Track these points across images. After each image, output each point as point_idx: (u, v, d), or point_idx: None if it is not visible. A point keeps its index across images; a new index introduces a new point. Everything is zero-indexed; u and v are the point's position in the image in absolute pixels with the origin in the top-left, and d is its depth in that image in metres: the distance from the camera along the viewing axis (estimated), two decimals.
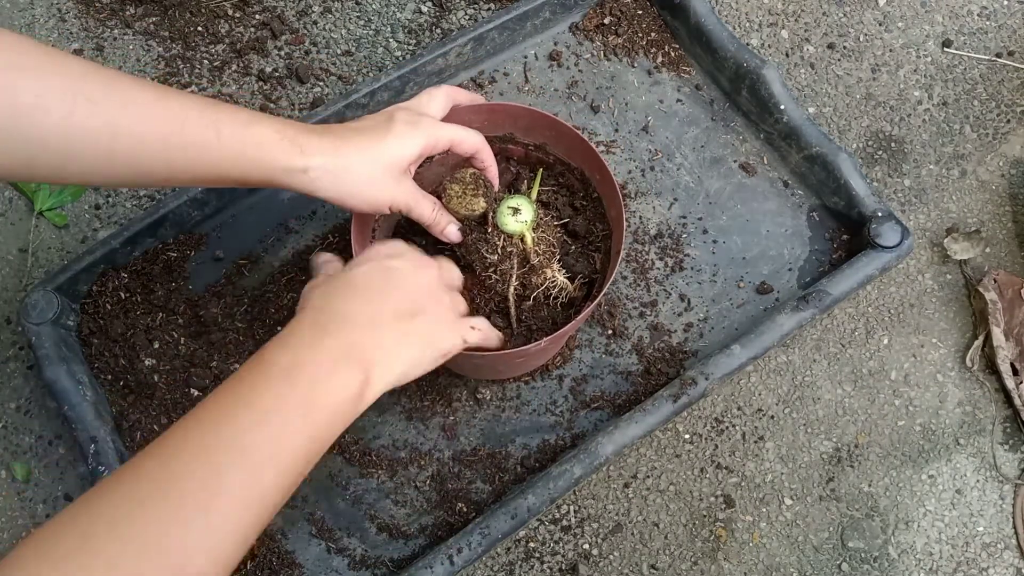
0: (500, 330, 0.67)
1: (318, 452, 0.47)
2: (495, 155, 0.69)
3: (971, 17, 1.02)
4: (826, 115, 0.95)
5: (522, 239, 0.64)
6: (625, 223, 0.67)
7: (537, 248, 0.65)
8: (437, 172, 0.73)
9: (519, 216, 0.64)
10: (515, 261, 0.65)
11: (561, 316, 0.70)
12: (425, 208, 0.64)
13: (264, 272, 0.81)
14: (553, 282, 0.66)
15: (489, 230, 0.65)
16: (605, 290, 0.66)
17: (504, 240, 0.64)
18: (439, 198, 0.67)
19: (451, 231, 0.66)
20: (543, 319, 0.70)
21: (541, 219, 0.66)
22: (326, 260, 0.63)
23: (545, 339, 0.63)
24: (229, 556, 0.42)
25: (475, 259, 0.66)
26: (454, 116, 0.69)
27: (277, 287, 0.80)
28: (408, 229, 0.73)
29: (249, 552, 0.70)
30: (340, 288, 0.54)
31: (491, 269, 0.65)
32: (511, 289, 0.66)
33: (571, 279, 0.69)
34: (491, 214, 0.65)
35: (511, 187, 0.74)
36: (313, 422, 0.46)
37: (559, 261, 0.67)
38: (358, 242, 0.66)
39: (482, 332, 0.61)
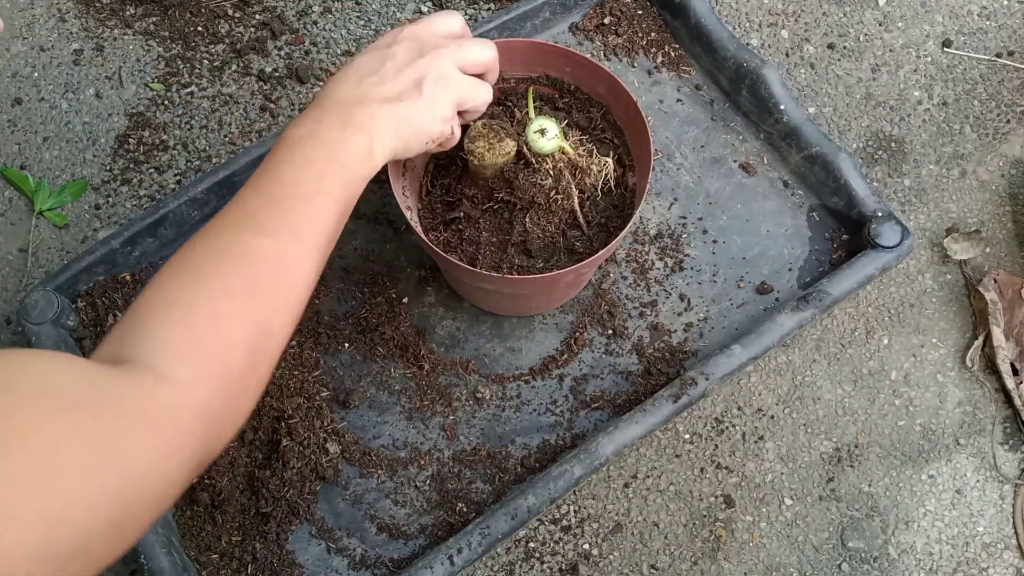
0: (575, 240, 0.71)
1: (352, 193, 0.57)
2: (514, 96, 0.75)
3: (971, 17, 1.02)
4: (826, 115, 0.95)
5: (563, 151, 0.67)
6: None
7: (578, 151, 0.68)
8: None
9: (548, 134, 0.66)
10: (567, 173, 0.67)
11: (616, 196, 0.73)
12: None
13: None
14: (603, 168, 0.69)
15: (533, 162, 0.67)
16: (640, 208, 0.69)
17: (550, 162, 0.67)
18: (466, 162, 0.69)
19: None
20: (604, 209, 0.73)
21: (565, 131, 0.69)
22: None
23: (602, 250, 0.67)
24: (316, 265, 0.54)
25: (536, 193, 0.68)
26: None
27: None
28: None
29: (251, 555, 0.70)
30: (340, 74, 0.60)
31: (552, 192, 0.68)
32: (575, 200, 0.69)
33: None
34: (524, 147, 0.67)
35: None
36: (339, 170, 0.56)
37: (594, 153, 0.70)
38: (395, 180, 0.69)
39: (478, 100, 0.64)
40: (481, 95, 0.64)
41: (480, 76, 0.65)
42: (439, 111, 0.61)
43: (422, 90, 0.60)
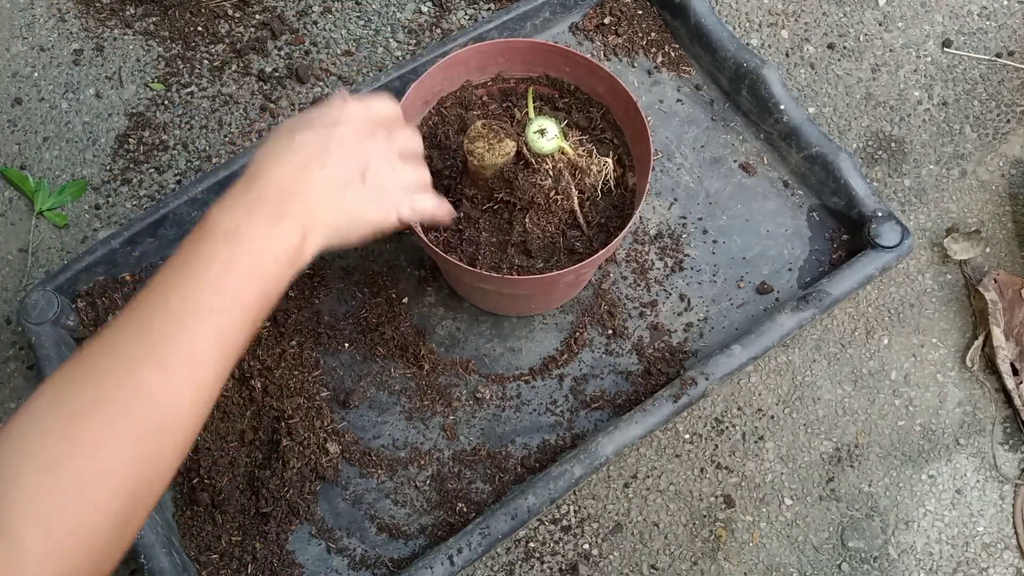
0: (574, 241, 0.71)
1: (269, 301, 0.53)
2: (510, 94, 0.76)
3: (971, 17, 1.02)
4: (826, 115, 0.95)
5: (562, 151, 0.67)
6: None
7: (578, 151, 0.68)
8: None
9: (548, 134, 0.66)
10: (567, 173, 0.67)
11: (616, 196, 0.73)
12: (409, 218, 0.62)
13: None
14: (603, 169, 0.69)
15: (533, 162, 0.67)
16: (640, 208, 0.69)
17: (550, 162, 0.67)
18: (465, 163, 0.69)
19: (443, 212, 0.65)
20: (604, 209, 0.73)
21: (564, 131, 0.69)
22: (337, 96, 0.62)
23: (602, 250, 0.67)
24: (210, 393, 0.49)
25: (535, 193, 0.68)
26: (473, 56, 0.73)
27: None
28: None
29: (251, 555, 0.70)
30: (280, 152, 0.55)
31: (552, 192, 0.68)
32: (575, 201, 0.69)
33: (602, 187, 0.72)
34: (524, 147, 0.67)
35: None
36: (259, 277, 0.51)
37: (593, 153, 0.70)
38: None
39: (423, 209, 0.61)
40: (424, 179, 0.62)
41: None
42: (385, 200, 0.58)
43: (366, 178, 0.56)
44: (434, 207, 0.62)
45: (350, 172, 0.56)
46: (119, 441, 0.44)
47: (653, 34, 0.92)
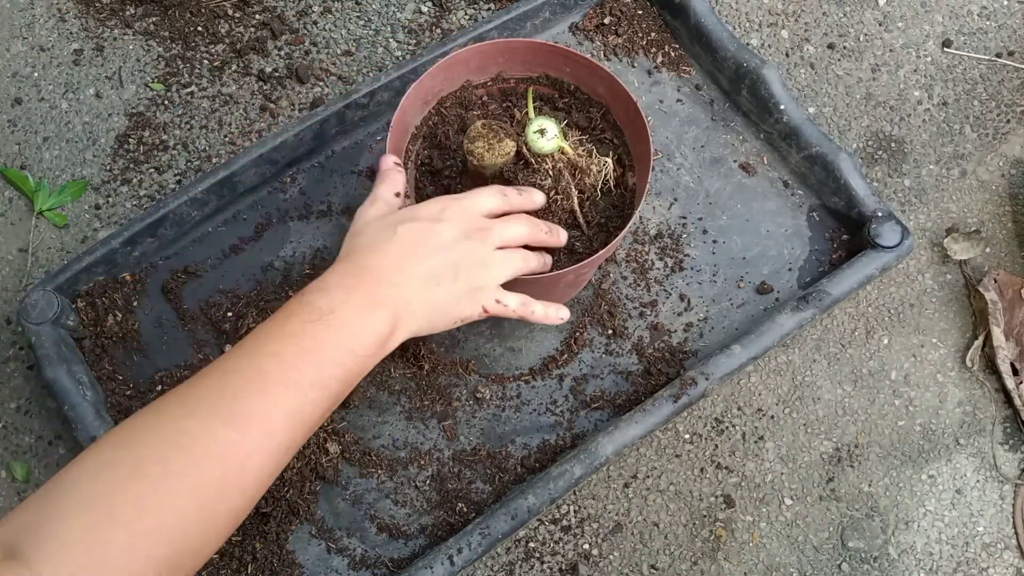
0: (574, 241, 0.71)
1: (352, 382, 0.54)
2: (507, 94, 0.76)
3: (971, 17, 1.02)
4: (826, 115, 0.95)
5: (562, 151, 0.67)
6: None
7: (578, 151, 0.68)
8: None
9: (548, 134, 0.66)
10: (567, 173, 0.67)
11: (616, 196, 0.73)
12: (511, 301, 0.63)
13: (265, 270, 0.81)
14: (603, 169, 0.69)
15: (532, 162, 0.67)
16: (640, 208, 0.69)
17: (550, 162, 0.67)
18: (465, 163, 0.69)
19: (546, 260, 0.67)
20: (604, 209, 0.73)
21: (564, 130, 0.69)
22: (386, 180, 0.64)
23: (602, 250, 0.67)
24: (278, 462, 0.50)
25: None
26: (473, 56, 0.73)
27: (287, 286, 0.80)
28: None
29: (251, 555, 0.70)
30: (381, 242, 0.58)
31: (552, 192, 0.67)
32: (575, 201, 0.69)
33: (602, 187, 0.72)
34: (524, 147, 0.67)
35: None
36: (347, 357, 0.53)
37: (593, 153, 0.70)
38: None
39: (509, 308, 0.63)
40: (525, 266, 0.63)
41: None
42: (474, 295, 0.60)
43: (458, 276, 0.59)
44: (518, 306, 0.64)
45: (445, 270, 0.58)
46: (173, 500, 0.44)
47: (653, 34, 0.92)
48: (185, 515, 0.44)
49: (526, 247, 0.65)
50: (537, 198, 0.66)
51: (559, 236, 0.67)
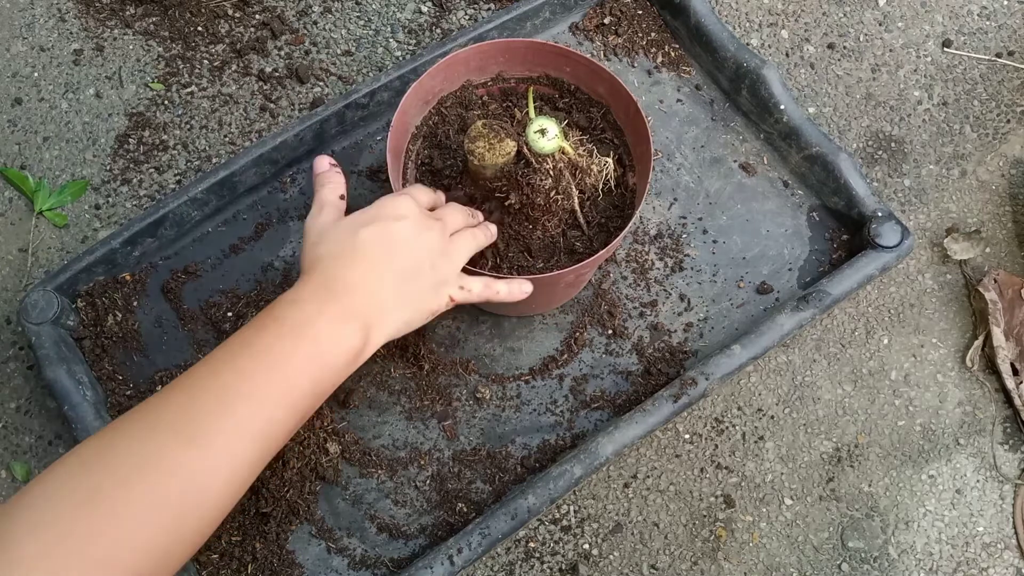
0: (574, 241, 0.71)
1: (321, 396, 0.54)
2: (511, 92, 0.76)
3: (971, 17, 1.02)
4: (826, 115, 0.95)
5: (563, 151, 0.66)
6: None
7: (578, 151, 0.68)
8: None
9: (548, 134, 0.65)
10: (567, 173, 0.67)
11: (617, 196, 0.73)
12: (474, 285, 0.64)
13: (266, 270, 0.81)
14: (603, 169, 0.69)
15: (533, 162, 0.67)
16: (640, 208, 0.69)
17: (550, 162, 0.66)
18: (465, 163, 0.69)
19: (521, 287, 0.67)
20: (604, 209, 0.73)
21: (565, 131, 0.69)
22: (327, 183, 0.64)
23: (602, 250, 0.67)
24: (244, 480, 0.49)
25: (535, 194, 0.68)
26: (473, 56, 0.72)
27: (287, 286, 0.80)
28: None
29: (251, 555, 0.70)
30: (347, 250, 0.57)
31: (552, 192, 0.67)
32: (575, 200, 0.69)
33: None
34: (524, 147, 0.67)
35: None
36: (317, 372, 0.52)
37: (594, 153, 0.70)
38: (395, 179, 0.69)
39: (473, 292, 0.63)
40: (476, 244, 0.64)
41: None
42: (441, 286, 0.60)
43: (425, 270, 0.59)
44: (481, 289, 0.64)
45: (414, 267, 0.59)
46: (140, 515, 0.43)
47: (653, 34, 0.92)
48: (144, 539, 0.43)
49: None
50: (439, 193, 0.67)
51: (479, 216, 0.68)
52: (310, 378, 0.52)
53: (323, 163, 0.66)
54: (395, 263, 0.58)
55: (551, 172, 0.67)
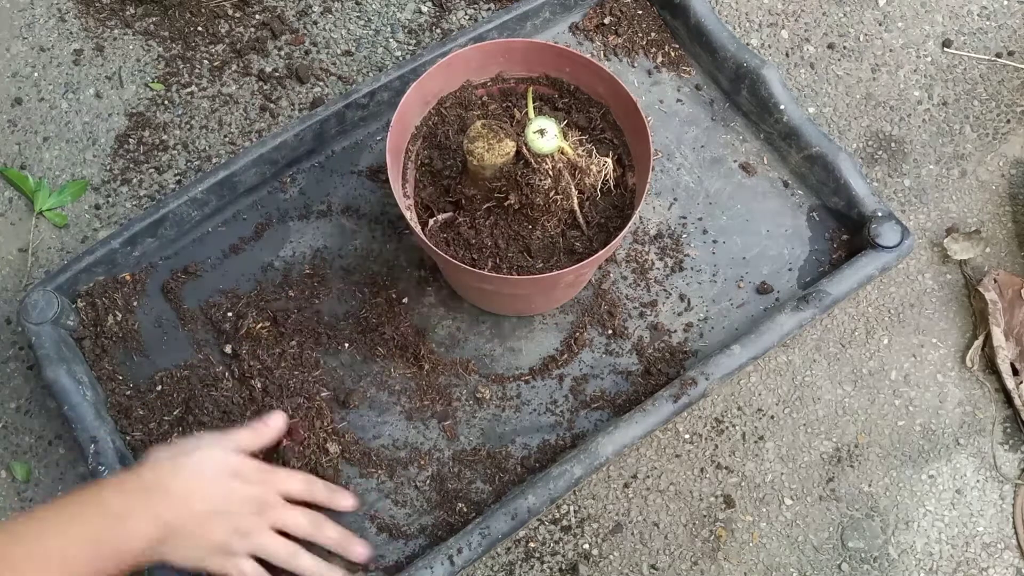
0: (574, 241, 0.71)
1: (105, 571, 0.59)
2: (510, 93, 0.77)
3: (971, 17, 1.02)
4: (826, 115, 0.95)
5: (562, 152, 0.66)
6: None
7: (578, 151, 0.67)
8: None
9: (548, 134, 0.65)
10: (567, 173, 0.67)
11: (616, 196, 0.73)
12: None
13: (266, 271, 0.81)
14: (603, 169, 0.69)
15: (532, 162, 0.67)
16: (639, 208, 0.69)
17: (549, 162, 0.66)
18: (465, 163, 0.69)
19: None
20: (604, 209, 0.73)
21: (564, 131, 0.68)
22: (254, 430, 0.70)
23: (602, 250, 0.67)
24: None
25: (534, 194, 0.68)
26: (473, 56, 0.73)
27: (287, 286, 0.80)
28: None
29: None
30: (178, 466, 0.63)
31: (551, 192, 0.67)
32: (575, 201, 0.69)
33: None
34: (524, 147, 0.67)
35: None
36: (112, 558, 0.58)
37: (593, 153, 0.70)
38: (395, 179, 0.70)
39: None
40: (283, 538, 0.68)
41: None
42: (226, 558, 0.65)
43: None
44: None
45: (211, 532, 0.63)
46: None
47: (653, 34, 0.92)
48: None
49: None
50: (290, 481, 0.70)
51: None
52: (110, 552, 0.58)
53: (278, 420, 0.71)
54: (213, 497, 0.64)
55: (550, 172, 0.67)
